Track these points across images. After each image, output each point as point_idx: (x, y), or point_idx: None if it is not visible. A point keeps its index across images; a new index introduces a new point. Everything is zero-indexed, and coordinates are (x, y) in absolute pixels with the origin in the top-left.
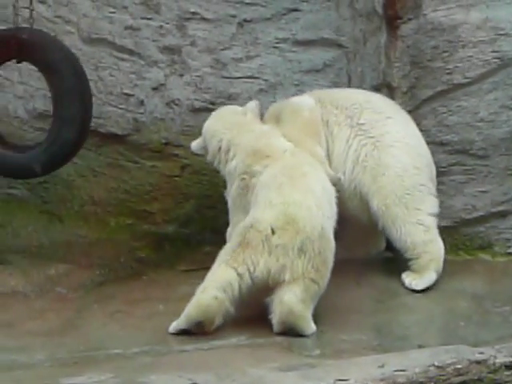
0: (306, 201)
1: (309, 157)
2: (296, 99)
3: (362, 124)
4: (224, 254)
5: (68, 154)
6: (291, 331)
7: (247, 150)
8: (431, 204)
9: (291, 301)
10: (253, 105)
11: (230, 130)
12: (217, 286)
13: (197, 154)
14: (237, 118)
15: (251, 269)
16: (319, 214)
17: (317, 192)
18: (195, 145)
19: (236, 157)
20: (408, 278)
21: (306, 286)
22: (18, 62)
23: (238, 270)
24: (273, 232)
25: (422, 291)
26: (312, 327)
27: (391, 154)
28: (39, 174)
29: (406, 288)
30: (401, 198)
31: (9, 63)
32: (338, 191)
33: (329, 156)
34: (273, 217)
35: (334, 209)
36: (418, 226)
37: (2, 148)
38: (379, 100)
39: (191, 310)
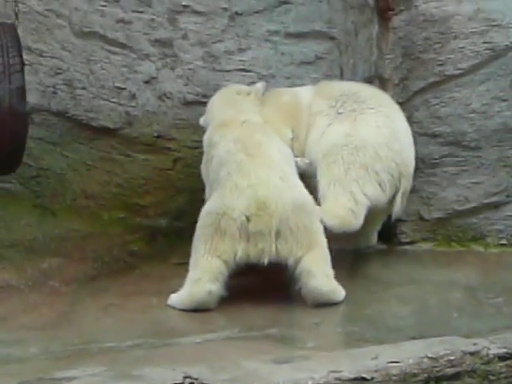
0: (270, 177)
1: (262, 124)
2: (294, 88)
3: (340, 113)
4: (203, 242)
5: None
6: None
7: (214, 122)
8: (371, 189)
9: (317, 285)
10: (259, 86)
11: (224, 108)
12: (209, 277)
13: (189, 147)
14: (236, 97)
15: (232, 256)
16: (285, 186)
17: (276, 159)
18: (201, 120)
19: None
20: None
21: (315, 260)
22: None
23: (223, 258)
24: (247, 219)
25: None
26: (342, 292)
27: (358, 130)
28: None
29: None
30: (345, 164)
31: None
32: (309, 177)
33: (306, 146)
34: (244, 204)
35: (294, 168)
36: (347, 193)
37: None
38: (370, 91)
39: (185, 302)
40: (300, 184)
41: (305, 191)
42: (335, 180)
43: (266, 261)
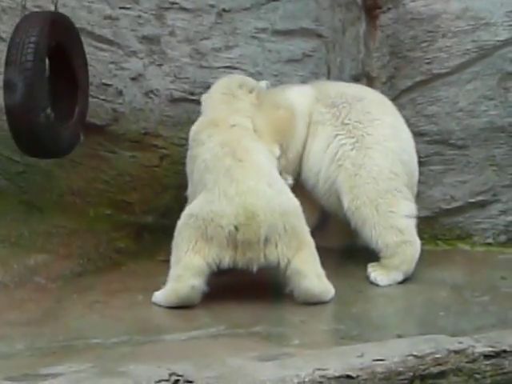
0: (259, 185)
1: (249, 130)
2: (295, 90)
3: (346, 124)
4: (187, 241)
5: None
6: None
7: (203, 118)
8: (406, 207)
9: (309, 286)
10: (263, 85)
11: (219, 104)
12: (191, 273)
13: (176, 144)
14: (235, 92)
15: (217, 261)
16: (273, 193)
17: (263, 165)
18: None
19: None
20: (374, 273)
21: (305, 260)
22: None
23: (206, 260)
24: (236, 228)
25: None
26: (332, 289)
27: (369, 155)
28: None
29: (368, 279)
30: (372, 201)
31: None
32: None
33: (305, 155)
34: (233, 213)
35: (275, 170)
36: (389, 229)
37: None
38: (373, 99)
39: (169, 299)
40: (286, 188)
41: (291, 195)
42: (371, 224)
43: (254, 268)
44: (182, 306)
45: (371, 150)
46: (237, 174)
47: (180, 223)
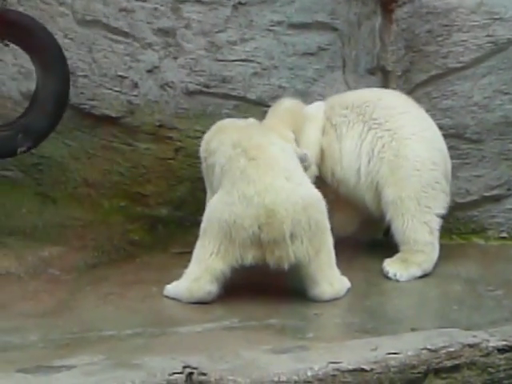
0: (276, 181)
1: (259, 126)
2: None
3: (376, 119)
4: (209, 242)
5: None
6: None
7: (211, 129)
8: (441, 204)
9: (319, 294)
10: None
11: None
12: (210, 278)
13: (191, 136)
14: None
15: (240, 261)
16: (292, 186)
17: (279, 159)
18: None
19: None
20: (393, 269)
21: (321, 264)
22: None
23: (229, 262)
24: (259, 228)
25: None
26: (346, 284)
27: (410, 146)
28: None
29: (385, 275)
30: (416, 194)
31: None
32: (306, 168)
33: (337, 159)
34: (254, 214)
35: (296, 159)
36: (424, 226)
37: None
38: (392, 96)
39: (183, 297)
40: (306, 179)
41: (311, 186)
42: (410, 217)
43: (286, 266)
44: None
45: (410, 140)
46: (252, 174)
47: (203, 226)
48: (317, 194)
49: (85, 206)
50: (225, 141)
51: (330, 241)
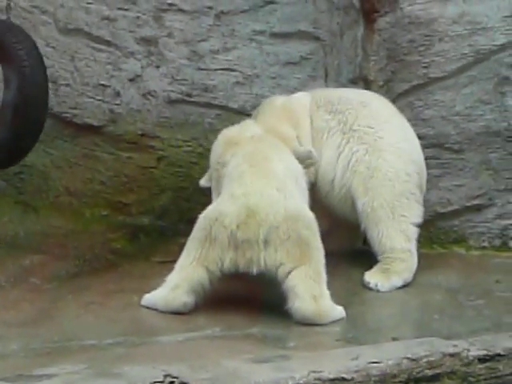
0: (266, 188)
1: (274, 139)
2: (293, 95)
3: (355, 130)
4: (193, 248)
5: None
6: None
7: (220, 141)
8: (416, 213)
9: (300, 307)
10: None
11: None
12: (188, 288)
13: (173, 145)
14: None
15: (219, 264)
16: (281, 197)
17: (279, 173)
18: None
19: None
20: (373, 279)
21: (304, 277)
22: None
23: (209, 268)
24: (237, 227)
25: None
26: (337, 313)
27: (383, 157)
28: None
29: (366, 287)
30: (388, 203)
31: None
32: (312, 164)
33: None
34: (236, 211)
35: (303, 184)
36: (400, 234)
37: None
38: (376, 103)
39: (159, 306)
40: (300, 198)
41: (305, 206)
42: (385, 226)
43: (254, 270)
44: None
45: (385, 152)
46: (247, 178)
47: (193, 230)
48: (305, 210)
49: (66, 214)
50: (238, 153)
51: (318, 258)
